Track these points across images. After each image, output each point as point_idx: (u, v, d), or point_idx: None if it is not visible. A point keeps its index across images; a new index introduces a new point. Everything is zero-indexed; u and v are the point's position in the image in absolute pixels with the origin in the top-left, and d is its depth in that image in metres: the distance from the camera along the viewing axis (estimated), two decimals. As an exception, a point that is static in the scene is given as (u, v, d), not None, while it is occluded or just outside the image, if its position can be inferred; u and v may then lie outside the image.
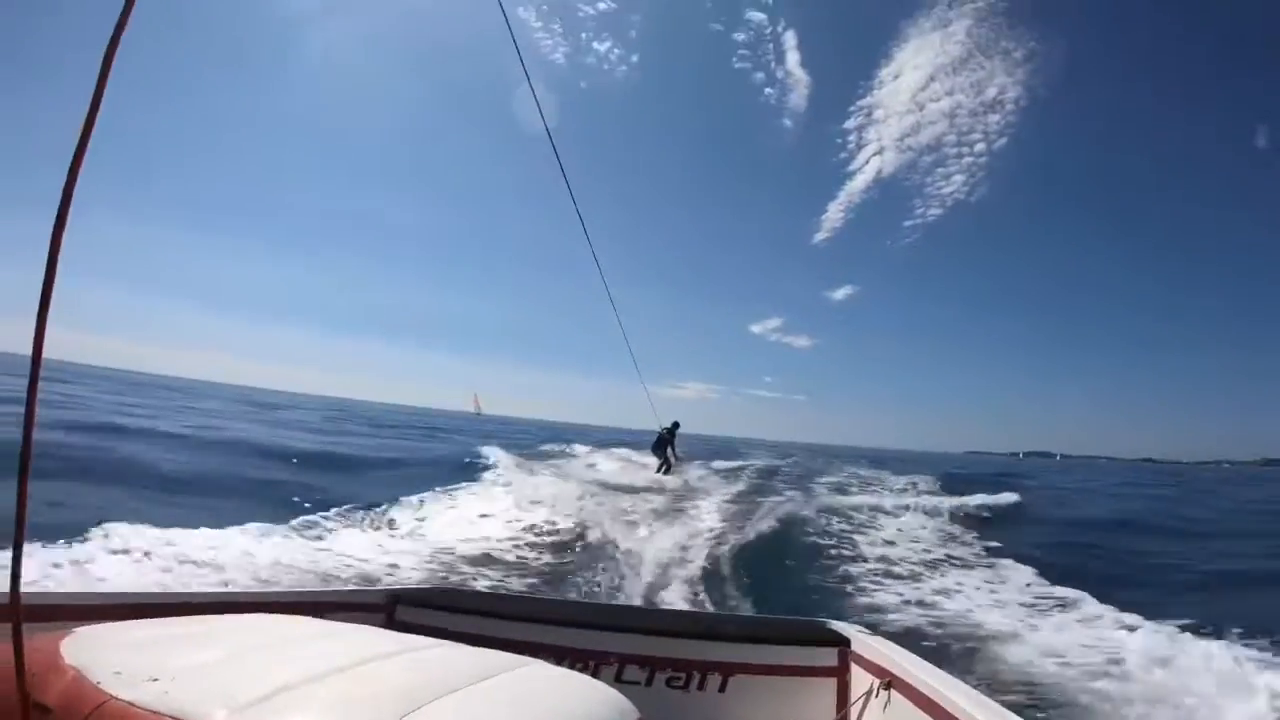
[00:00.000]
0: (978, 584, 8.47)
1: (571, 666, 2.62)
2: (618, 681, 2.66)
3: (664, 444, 19.21)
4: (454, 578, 6.92)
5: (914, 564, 9.23)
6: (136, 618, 1.60)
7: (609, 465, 20.70)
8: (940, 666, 2.27)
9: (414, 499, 10.80)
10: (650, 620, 3.17)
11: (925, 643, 4.69)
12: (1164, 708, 4.58)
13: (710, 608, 5.81)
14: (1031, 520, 15.71)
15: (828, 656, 2.69)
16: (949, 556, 9.97)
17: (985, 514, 14.40)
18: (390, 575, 6.48)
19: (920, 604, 7.11)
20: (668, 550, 8.25)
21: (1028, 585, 8.44)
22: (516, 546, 8.40)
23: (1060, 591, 7.98)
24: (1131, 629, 6.16)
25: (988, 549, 10.66)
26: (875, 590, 7.73)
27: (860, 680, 2.54)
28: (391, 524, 9.38)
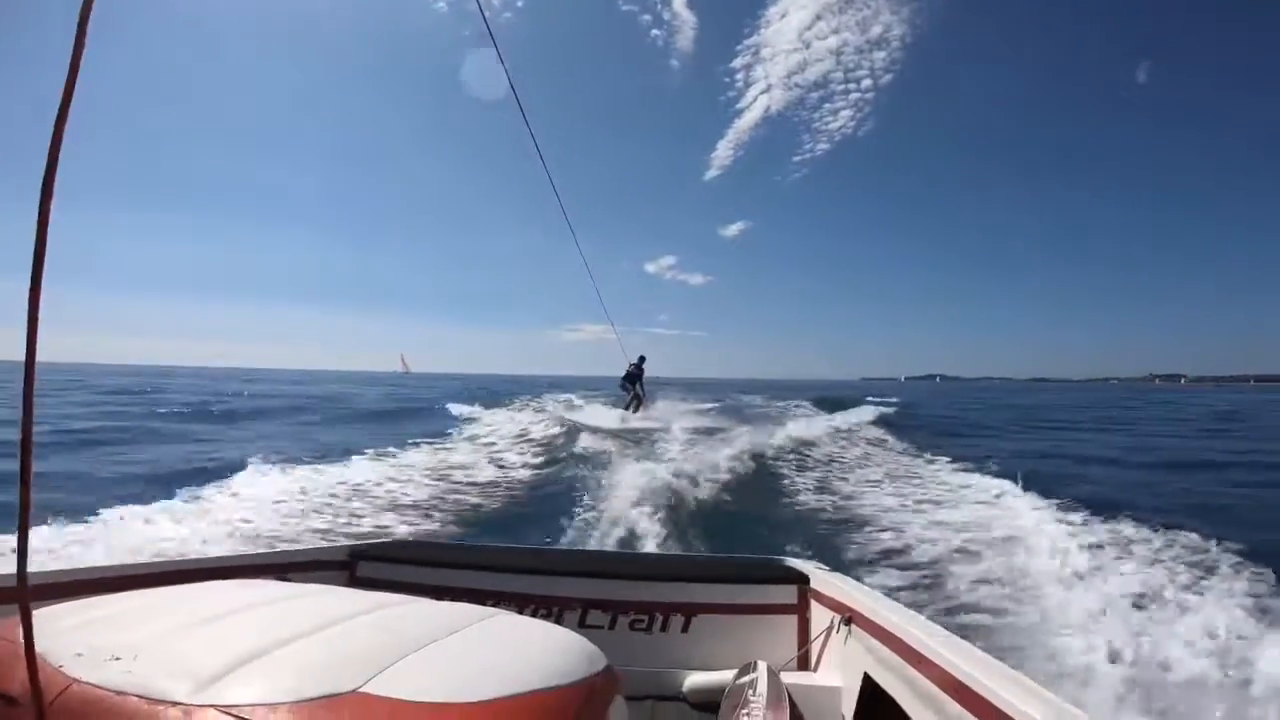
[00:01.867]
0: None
1: (535, 613, 2.59)
2: (581, 626, 2.62)
3: (632, 379, 17.97)
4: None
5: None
6: (91, 593, 1.46)
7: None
8: (896, 600, 2.29)
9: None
10: (612, 564, 3.11)
11: (882, 578, 4.95)
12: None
13: (673, 549, 5.75)
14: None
15: (788, 594, 2.69)
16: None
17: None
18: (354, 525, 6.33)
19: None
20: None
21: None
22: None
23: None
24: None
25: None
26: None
27: (820, 616, 2.54)
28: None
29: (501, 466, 10.36)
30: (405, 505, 7.37)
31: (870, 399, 32.97)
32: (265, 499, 7.09)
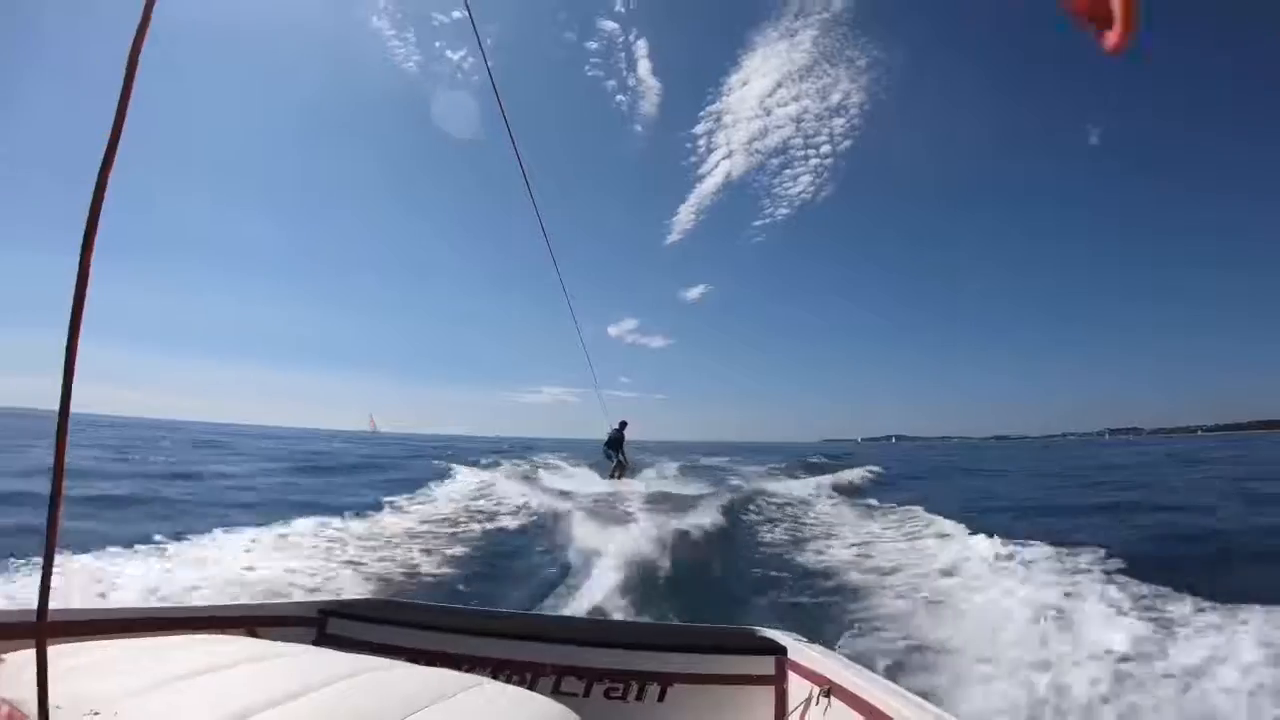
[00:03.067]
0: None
1: (509, 678, 2.47)
2: (556, 693, 2.51)
3: (616, 444, 17.31)
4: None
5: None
6: (65, 637, 1.42)
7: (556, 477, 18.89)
8: (879, 673, 2.21)
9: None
10: (587, 630, 3.00)
11: (861, 650, 4.75)
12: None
13: (645, 617, 5.56)
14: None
15: (765, 665, 2.57)
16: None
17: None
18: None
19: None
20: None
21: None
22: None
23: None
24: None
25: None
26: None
27: (799, 688, 2.42)
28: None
29: (477, 526, 10.04)
30: (377, 562, 7.02)
31: (819, 457, 33.73)
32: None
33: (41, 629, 0.80)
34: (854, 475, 20.84)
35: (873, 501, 13.56)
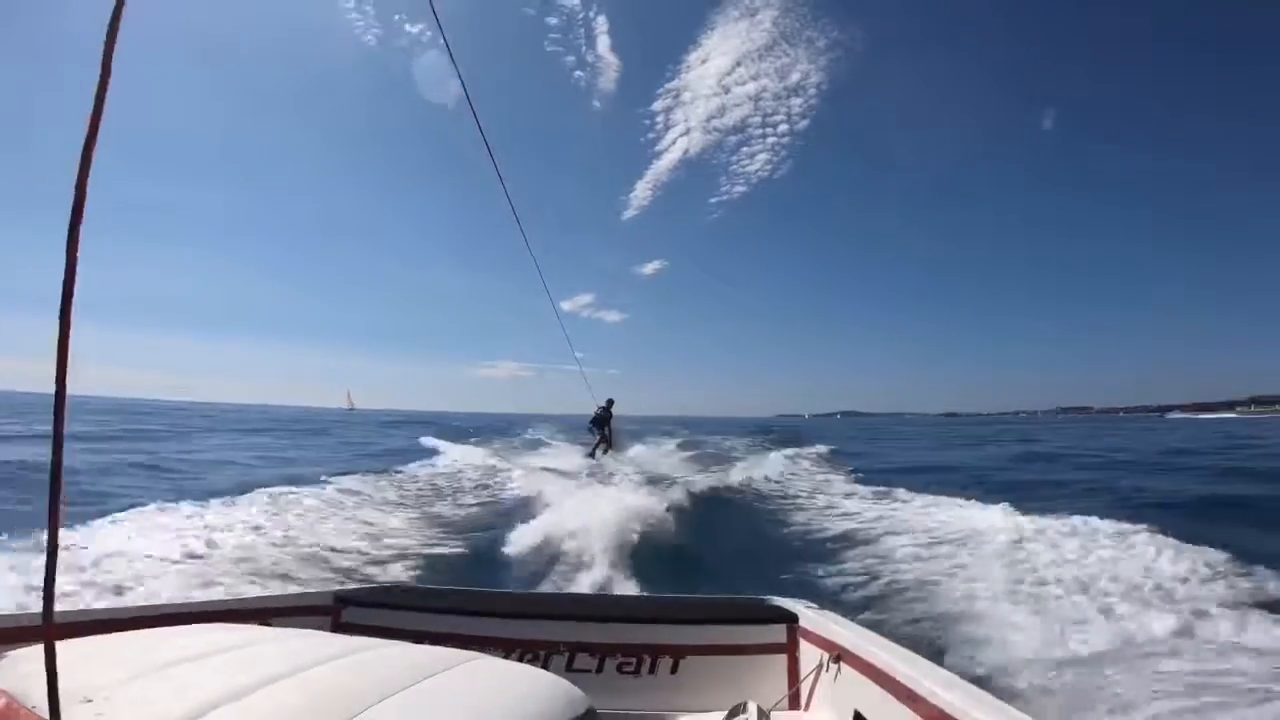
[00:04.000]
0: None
1: (522, 658, 2.49)
2: (569, 670, 2.52)
3: (601, 422, 16.90)
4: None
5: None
6: (73, 635, 1.41)
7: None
8: (887, 637, 2.24)
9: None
10: (599, 607, 3.01)
11: (873, 615, 5.03)
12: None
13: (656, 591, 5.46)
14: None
15: (777, 633, 2.60)
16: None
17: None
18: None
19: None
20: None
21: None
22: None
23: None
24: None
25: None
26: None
27: (810, 655, 2.45)
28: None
29: (472, 507, 10.09)
30: (388, 548, 6.94)
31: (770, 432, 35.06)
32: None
33: (49, 632, 0.78)
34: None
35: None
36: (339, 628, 2.68)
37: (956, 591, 5.47)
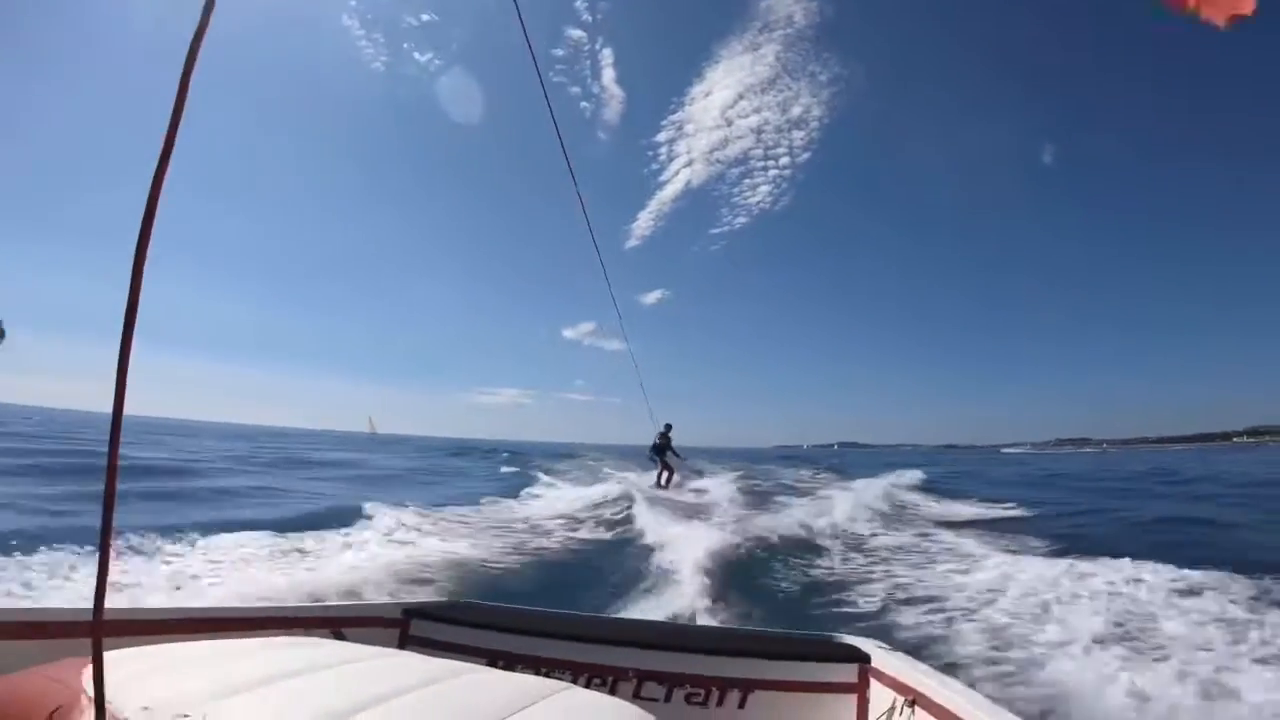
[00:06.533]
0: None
1: (589, 682, 2.38)
2: (636, 698, 2.40)
3: (661, 450, 15.48)
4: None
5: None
6: (155, 635, 1.36)
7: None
8: (964, 682, 2.07)
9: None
10: (669, 635, 2.84)
11: (947, 659, 4.36)
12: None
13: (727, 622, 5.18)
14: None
15: (848, 673, 2.40)
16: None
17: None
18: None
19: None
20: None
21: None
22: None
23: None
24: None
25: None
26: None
27: (881, 697, 2.24)
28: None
29: (553, 531, 9.68)
30: (458, 562, 6.84)
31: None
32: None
33: (97, 628, 0.75)
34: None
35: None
36: (406, 640, 2.59)
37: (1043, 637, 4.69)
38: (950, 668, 3.60)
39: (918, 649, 4.17)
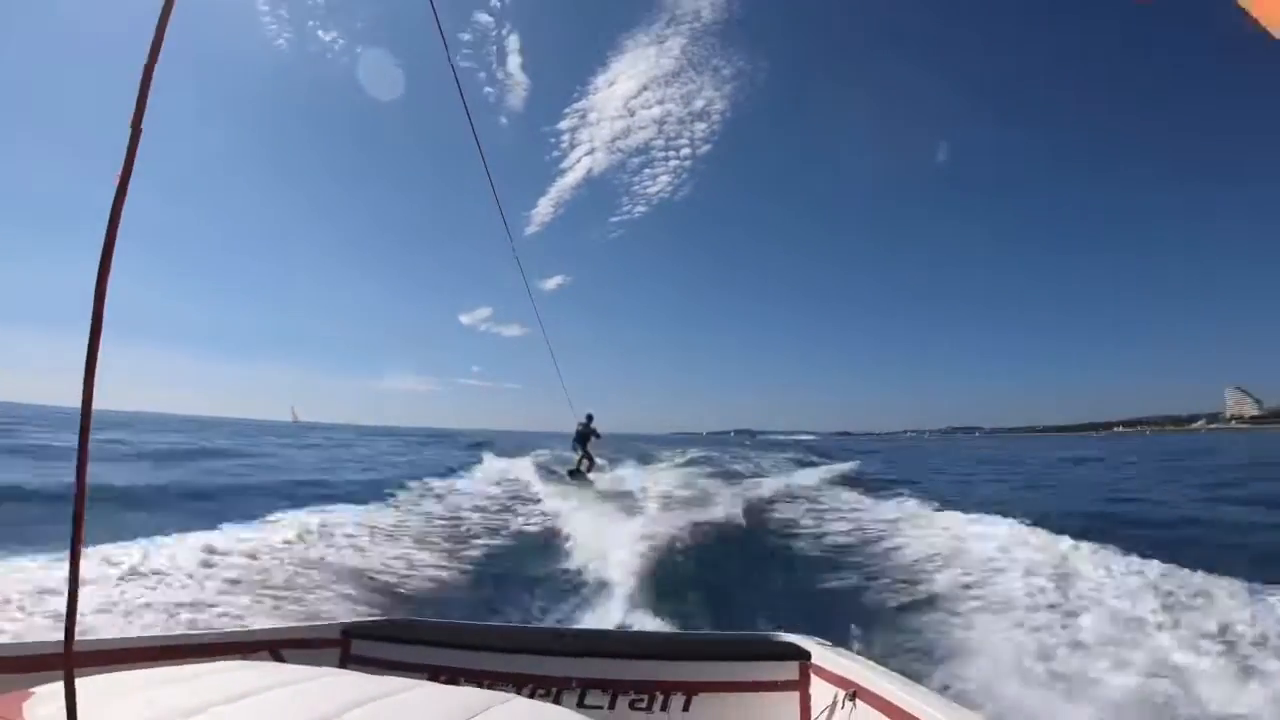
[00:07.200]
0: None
1: (534, 693, 2.36)
2: (580, 707, 2.39)
3: (584, 438, 15.66)
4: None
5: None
6: (96, 664, 1.34)
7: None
8: (901, 673, 2.10)
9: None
10: (611, 643, 2.80)
11: (887, 653, 4.49)
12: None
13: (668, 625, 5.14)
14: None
15: (789, 670, 2.43)
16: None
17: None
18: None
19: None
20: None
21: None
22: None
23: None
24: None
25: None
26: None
27: (823, 693, 2.27)
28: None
29: (475, 536, 8.93)
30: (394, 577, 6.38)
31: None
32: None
33: (69, 659, 0.74)
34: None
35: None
36: (347, 660, 2.52)
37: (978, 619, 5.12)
38: (888, 660, 3.75)
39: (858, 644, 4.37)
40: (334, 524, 7.46)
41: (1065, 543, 6.70)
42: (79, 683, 1.02)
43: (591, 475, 15.18)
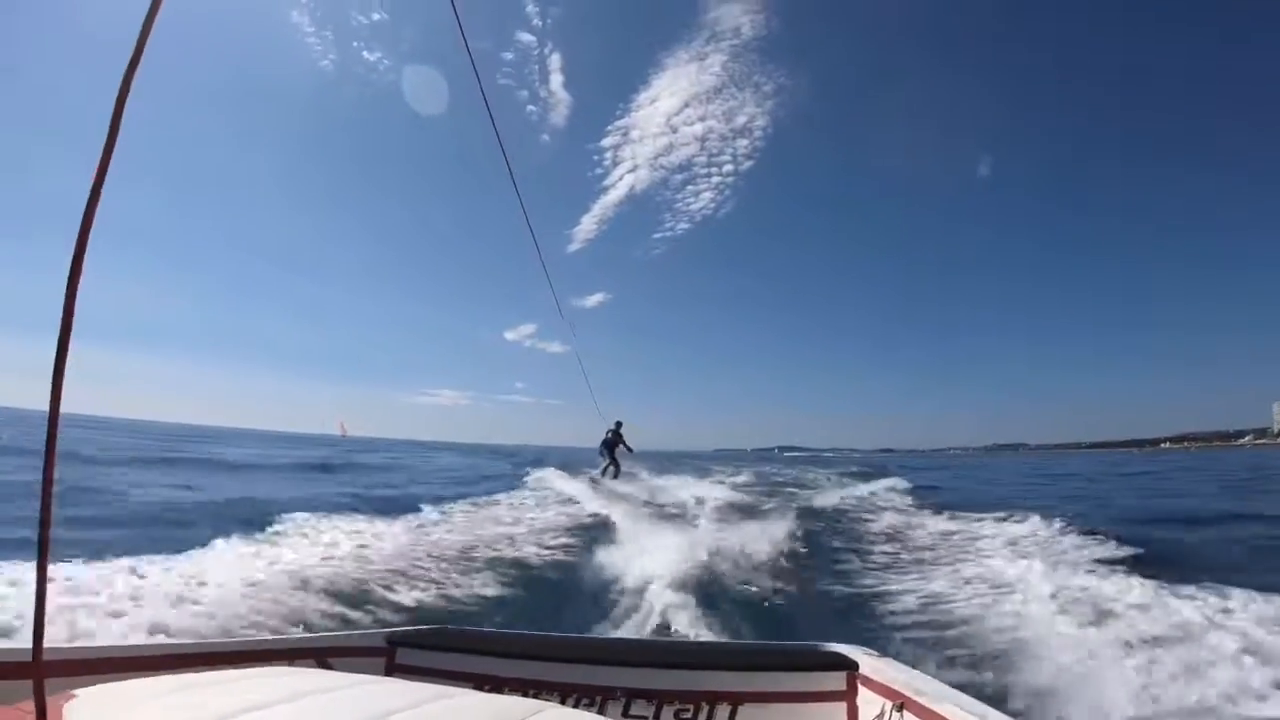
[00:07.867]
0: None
1: (578, 703, 2.34)
2: (625, 717, 2.36)
3: (612, 445, 15.64)
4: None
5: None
6: (143, 670, 1.31)
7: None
8: (953, 685, 2.05)
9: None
10: (655, 652, 2.75)
11: (936, 664, 4.41)
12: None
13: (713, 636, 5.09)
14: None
15: (836, 681, 2.36)
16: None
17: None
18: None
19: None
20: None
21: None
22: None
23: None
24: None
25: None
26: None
27: (870, 703, 2.22)
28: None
29: (528, 546, 8.99)
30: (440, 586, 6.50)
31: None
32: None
33: (39, 670, 0.71)
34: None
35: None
36: (392, 669, 2.51)
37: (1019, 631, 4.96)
38: (938, 670, 3.54)
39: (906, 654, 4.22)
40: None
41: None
42: (130, 684, 1.10)
43: (613, 482, 15.05)
